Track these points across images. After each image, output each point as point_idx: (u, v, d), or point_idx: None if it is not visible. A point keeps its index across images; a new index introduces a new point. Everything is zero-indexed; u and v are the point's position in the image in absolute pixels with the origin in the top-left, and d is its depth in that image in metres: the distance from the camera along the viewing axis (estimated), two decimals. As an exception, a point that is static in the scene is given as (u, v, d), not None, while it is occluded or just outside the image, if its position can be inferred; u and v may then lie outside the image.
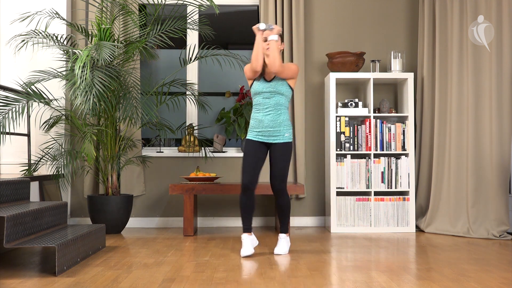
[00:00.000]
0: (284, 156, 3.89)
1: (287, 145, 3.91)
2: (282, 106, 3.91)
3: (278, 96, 3.89)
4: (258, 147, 3.93)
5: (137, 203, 5.58)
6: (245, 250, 3.85)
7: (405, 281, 3.07)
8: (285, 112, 3.94)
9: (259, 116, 3.92)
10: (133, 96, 4.97)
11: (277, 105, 3.90)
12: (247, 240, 3.92)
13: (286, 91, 3.91)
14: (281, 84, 3.90)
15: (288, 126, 3.93)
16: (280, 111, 3.90)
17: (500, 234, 4.70)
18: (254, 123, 3.94)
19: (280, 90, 3.89)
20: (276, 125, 3.89)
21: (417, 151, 5.43)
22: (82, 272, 3.34)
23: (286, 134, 3.91)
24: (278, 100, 3.89)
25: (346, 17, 5.69)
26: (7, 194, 3.77)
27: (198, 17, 5.67)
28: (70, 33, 5.49)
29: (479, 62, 4.91)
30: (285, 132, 3.91)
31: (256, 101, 3.95)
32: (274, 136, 3.90)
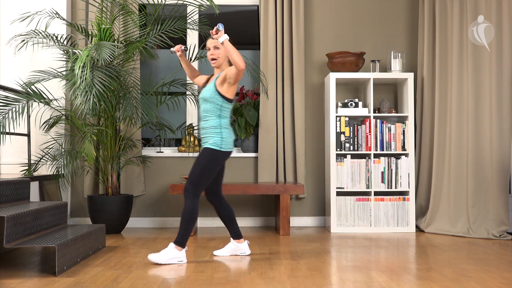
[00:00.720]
0: (201, 159, 3.66)
1: (206, 150, 3.67)
2: (208, 113, 3.73)
3: (204, 103, 3.75)
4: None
5: (137, 203, 5.58)
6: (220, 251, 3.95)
7: (405, 281, 3.07)
8: (213, 120, 3.72)
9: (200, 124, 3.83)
10: (133, 96, 4.97)
11: (204, 112, 3.76)
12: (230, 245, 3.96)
13: (211, 97, 3.70)
14: (207, 90, 3.73)
15: (214, 134, 3.70)
16: (207, 118, 3.74)
17: (500, 234, 4.70)
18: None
19: (205, 96, 3.73)
20: (203, 132, 3.76)
21: (417, 151, 5.43)
22: (82, 272, 3.34)
23: (210, 141, 3.69)
24: (204, 107, 3.75)
25: (346, 17, 5.69)
26: (7, 194, 3.77)
27: (198, 17, 5.67)
28: (70, 33, 5.49)
29: (479, 62, 4.91)
30: (210, 139, 3.70)
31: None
32: (203, 142, 3.77)
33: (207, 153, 3.67)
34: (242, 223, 5.59)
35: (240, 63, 3.50)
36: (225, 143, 3.70)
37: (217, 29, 3.57)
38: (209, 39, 3.81)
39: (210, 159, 3.66)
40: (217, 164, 3.69)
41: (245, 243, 3.96)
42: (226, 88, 3.70)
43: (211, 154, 3.67)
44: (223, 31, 3.58)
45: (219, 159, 3.69)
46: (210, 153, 3.67)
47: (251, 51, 6.51)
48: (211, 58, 3.78)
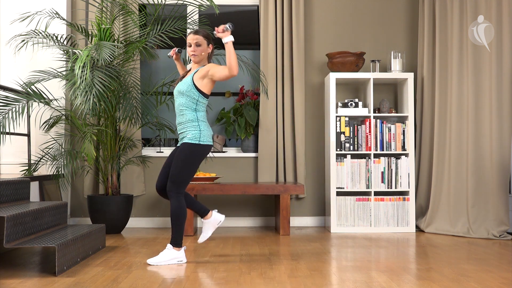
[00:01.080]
0: (180, 155, 3.59)
1: (186, 145, 3.60)
2: (184, 107, 3.65)
3: (180, 97, 3.68)
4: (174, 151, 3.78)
5: (137, 203, 5.58)
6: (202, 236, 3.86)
7: (405, 281, 3.07)
8: (189, 113, 3.65)
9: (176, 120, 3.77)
10: (133, 96, 4.97)
11: (180, 106, 3.68)
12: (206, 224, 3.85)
13: (187, 91, 3.63)
14: (183, 84, 3.66)
15: (192, 127, 3.63)
16: (183, 112, 3.66)
17: (500, 234, 4.70)
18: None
19: (181, 90, 3.65)
20: (180, 127, 3.68)
21: (417, 151, 5.43)
22: (82, 272, 3.34)
23: (188, 135, 3.61)
24: (180, 101, 3.68)
25: (346, 17, 5.69)
26: (7, 194, 3.77)
27: (198, 17, 5.67)
28: (70, 33, 5.49)
29: (479, 62, 4.91)
30: (188, 133, 3.63)
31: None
32: (181, 138, 3.69)
33: (186, 149, 3.59)
34: (242, 223, 5.59)
35: (235, 69, 3.49)
36: (204, 136, 3.63)
37: (225, 27, 3.53)
38: (190, 34, 3.70)
39: (190, 154, 3.58)
40: (198, 158, 3.61)
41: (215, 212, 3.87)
42: (205, 83, 3.65)
43: (190, 148, 3.59)
44: (230, 31, 3.55)
45: (199, 153, 3.61)
46: (189, 148, 3.59)
47: (251, 51, 6.51)
48: (192, 54, 3.69)
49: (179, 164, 3.58)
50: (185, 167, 3.58)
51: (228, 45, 3.52)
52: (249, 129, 5.58)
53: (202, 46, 3.69)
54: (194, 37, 3.68)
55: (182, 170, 3.58)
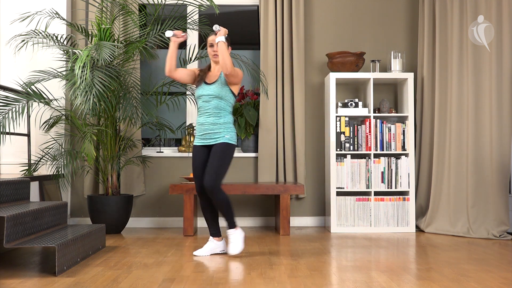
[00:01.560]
0: (219, 153, 3.79)
1: (226, 145, 3.83)
2: (222, 110, 3.86)
3: (217, 100, 3.84)
4: (201, 152, 3.92)
5: (137, 203, 5.58)
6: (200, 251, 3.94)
7: (405, 281, 3.07)
8: (227, 116, 3.88)
9: (201, 120, 3.89)
10: (133, 96, 4.97)
11: (217, 109, 3.85)
12: (210, 244, 3.98)
13: (225, 96, 3.86)
14: (221, 89, 3.85)
15: (229, 129, 3.86)
16: (221, 114, 3.86)
17: (500, 234, 4.70)
18: (197, 127, 3.93)
19: (219, 94, 3.84)
20: (216, 128, 3.84)
21: (417, 151, 5.43)
22: (82, 272, 3.34)
23: (226, 136, 3.84)
24: (217, 104, 3.84)
25: (346, 17, 5.69)
26: (7, 194, 3.77)
27: (198, 17, 5.67)
28: (70, 33, 5.49)
29: (479, 62, 4.91)
30: (226, 133, 3.85)
31: (198, 105, 3.94)
32: (215, 138, 3.85)
33: (226, 148, 3.83)
34: (242, 223, 5.59)
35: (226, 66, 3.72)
36: (236, 138, 3.93)
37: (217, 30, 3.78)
38: (211, 35, 3.90)
39: (229, 153, 3.84)
40: (232, 158, 3.88)
41: (223, 241, 4.06)
42: (236, 87, 3.92)
43: (230, 148, 3.85)
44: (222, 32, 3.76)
45: (233, 153, 3.90)
46: (229, 148, 3.84)
47: (251, 51, 6.51)
48: (214, 54, 3.89)
49: (221, 161, 3.80)
50: (226, 164, 3.83)
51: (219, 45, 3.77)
52: (249, 129, 5.58)
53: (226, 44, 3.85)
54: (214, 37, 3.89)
55: (223, 167, 3.81)
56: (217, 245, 3.99)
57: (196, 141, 3.94)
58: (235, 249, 3.83)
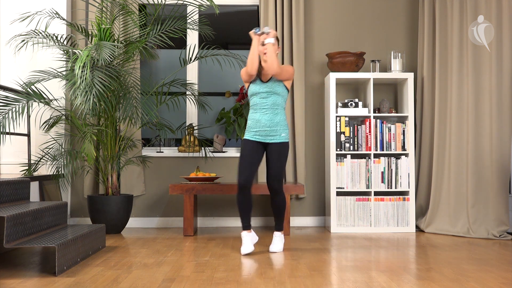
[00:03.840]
0: (281, 156, 3.96)
1: (284, 145, 3.98)
2: (279, 106, 3.98)
3: (275, 96, 3.96)
4: (255, 147, 3.98)
5: (137, 203, 5.58)
6: (246, 248, 3.92)
7: (405, 281, 3.07)
8: (282, 113, 4.01)
9: (257, 116, 3.98)
10: (133, 96, 4.97)
11: (274, 105, 3.96)
12: (247, 238, 3.98)
13: (282, 92, 3.99)
14: (277, 85, 3.98)
15: (284, 126, 4.00)
16: (277, 111, 3.97)
17: (500, 234, 4.70)
18: (252, 123, 4.00)
19: (276, 90, 3.96)
20: (273, 125, 3.95)
21: (417, 151, 5.43)
22: (82, 272, 3.34)
23: (282, 134, 3.98)
24: (274, 100, 3.96)
25: (346, 17, 5.69)
26: (7, 194, 3.77)
27: (198, 17, 5.67)
28: (70, 33, 5.49)
29: (479, 62, 4.91)
30: (282, 132, 3.97)
31: (253, 102, 4.02)
32: (271, 136, 3.96)
33: (286, 148, 3.99)
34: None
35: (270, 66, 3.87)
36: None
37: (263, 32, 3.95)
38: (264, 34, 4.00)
39: (287, 153, 4.02)
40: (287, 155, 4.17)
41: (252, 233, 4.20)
42: (289, 84, 4.05)
43: (287, 147, 4.01)
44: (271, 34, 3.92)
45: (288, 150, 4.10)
46: (287, 147, 4.00)
47: (251, 51, 6.50)
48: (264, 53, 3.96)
49: (281, 164, 3.97)
50: (285, 165, 4.02)
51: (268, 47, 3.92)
52: (249, 129, 5.57)
53: (275, 46, 3.96)
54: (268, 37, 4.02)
55: (284, 167, 4.01)
56: (253, 235, 4.12)
57: (249, 135, 4.00)
58: (277, 247, 4.05)
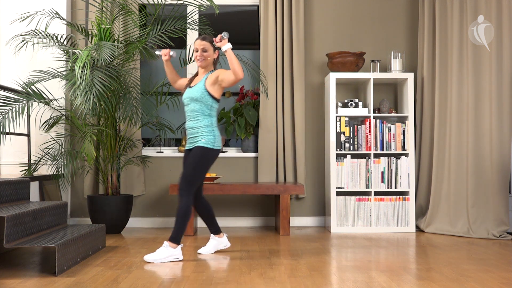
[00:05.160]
0: (195, 158, 3.73)
1: (200, 148, 3.75)
2: (199, 113, 3.81)
3: (193, 103, 3.82)
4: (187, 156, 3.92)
5: (137, 203, 5.58)
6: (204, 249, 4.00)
7: (405, 281, 3.07)
8: (204, 119, 3.81)
9: (186, 124, 3.91)
10: (133, 96, 4.97)
11: (193, 111, 3.82)
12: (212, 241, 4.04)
13: (200, 97, 3.78)
14: (196, 91, 3.80)
15: (206, 132, 3.79)
16: (197, 118, 3.81)
17: (500, 234, 4.70)
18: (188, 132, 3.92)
19: (194, 96, 3.80)
20: (194, 132, 3.83)
21: (417, 151, 5.43)
22: (82, 272, 3.34)
23: (202, 139, 3.77)
24: (193, 107, 3.82)
25: (346, 17, 5.69)
26: (7, 194, 3.77)
27: (198, 17, 5.67)
28: (70, 33, 5.49)
29: (479, 62, 4.91)
30: (202, 137, 3.78)
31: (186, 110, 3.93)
32: (193, 142, 3.85)
33: (201, 152, 3.75)
34: (242, 223, 5.59)
35: (240, 72, 3.66)
36: (217, 141, 3.82)
37: (221, 37, 3.69)
38: (197, 40, 3.86)
39: (204, 158, 3.75)
40: (210, 162, 3.80)
41: (224, 237, 4.10)
42: (216, 89, 3.82)
43: (205, 152, 3.76)
44: (227, 39, 3.71)
45: (212, 157, 3.80)
46: (204, 152, 3.75)
47: (251, 51, 6.51)
48: (198, 59, 3.85)
49: (193, 166, 3.73)
50: (198, 169, 3.75)
51: (228, 53, 3.69)
52: (249, 129, 5.58)
53: (208, 52, 3.85)
54: (202, 43, 3.85)
55: (195, 172, 3.74)
56: (219, 241, 4.05)
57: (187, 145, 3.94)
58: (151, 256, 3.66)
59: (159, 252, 3.68)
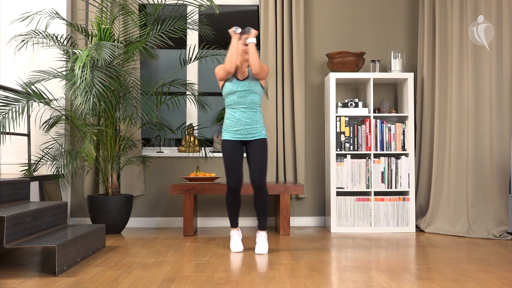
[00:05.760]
0: (263, 151, 4.01)
1: (264, 140, 4.03)
2: (257, 105, 4.04)
3: (253, 94, 4.00)
4: (236, 147, 4.04)
5: (137, 203, 5.58)
6: (237, 246, 4.07)
7: (405, 281, 3.07)
8: (260, 110, 4.07)
9: (236, 115, 4.01)
10: (133, 96, 4.97)
11: (252, 104, 4.01)
12: (236, 236, 4.13)
13: (259, 90, 4.03)
14: (255, 84, 4.02)
15: (263, 124, 4.08)
16: (256, 109, 4.03)
17: (500, 234, 4.70)
18: (231, 123, 4.04)
19: (254, 89, 4.00)
20: (253, 123, 4.01)
21: (417, 151, 5.43)
22: (82, 272, 3.34)
23: (262, 132, 4.04)
24: (252, 98, 4.01)
25: (346, 17, 5.69)
26: (7, 194, 3.77)
27: (198, 17, 5.67)
28: (70, 33, 5.49)
29: (479, 62, 4.91)
30: (261, 129, 4.04)
31: (230, 101, 4.03)
32: (252, 133, 4.02)
33: (265, 143, 4.04)
34: (242, 223, 5.59)
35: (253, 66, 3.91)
36: None
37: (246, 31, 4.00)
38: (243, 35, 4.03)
39: (267, 148, 4.08)
40: None
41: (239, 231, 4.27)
42: (264, 82, 4.10)
43: (266, 143, 4.06)
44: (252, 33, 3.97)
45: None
46: (266, 143, 4.06)
47: (251, 51, 6.49)
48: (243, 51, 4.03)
49: (264, 157, 4.00)
50: (266, 160, 4.05)
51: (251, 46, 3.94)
52: (249, 129, 5.57)
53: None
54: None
55: (266, 162, 4.03)
56: (240, 233, 4.20)
57: (229, 135, 4.03)
58: (263, 248, 3.98)
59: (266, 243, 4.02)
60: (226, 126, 4.06)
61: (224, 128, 4.07)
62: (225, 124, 4.07)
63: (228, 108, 4.06)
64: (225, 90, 4.05)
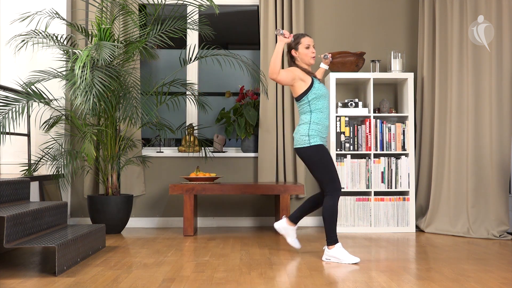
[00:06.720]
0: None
1: None
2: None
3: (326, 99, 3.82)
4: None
5: (137, 203, 5.58)
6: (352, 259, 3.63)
7: (405, 281, 3.07)
8: None
9: (326, 122, 3.79)
10: (133, 96, 4.97)
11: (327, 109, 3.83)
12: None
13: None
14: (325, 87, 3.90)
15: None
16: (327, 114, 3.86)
17: (500, 234, 4.70)
18: (322, 128, 3.75)
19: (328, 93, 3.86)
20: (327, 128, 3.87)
21: (417, 151, 5.43)
22: (82, 272, 3.34)
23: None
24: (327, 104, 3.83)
25: (346, 17, 5.69)
26: (7, 194, 3.77)
27: (198, 17, 5.67)
28: (70, 33, 5.49)
29: (479, 62, 4.91)
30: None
31: (321, 105, 3.75)
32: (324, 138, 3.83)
33: None
34: (242, 223, 5.59)
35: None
36: None
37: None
38: (307, 37, 3.81)
39: None
40: None
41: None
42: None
43: None
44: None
45: None
46: None
47: (251, 51, 6.51)
48: (313, 56, 3.83)
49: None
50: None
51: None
52: (249, 129, 5.58)
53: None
54: (312, 39, 3.85)
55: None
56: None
57: (321, 141, 3.73)
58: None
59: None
60: (317, 131, 3.71)
61: (314, 133, 3.70)
62: (315, 130, 3.71)
63: (318, 112, 3.74)
64: (316, 92, 3.73)
